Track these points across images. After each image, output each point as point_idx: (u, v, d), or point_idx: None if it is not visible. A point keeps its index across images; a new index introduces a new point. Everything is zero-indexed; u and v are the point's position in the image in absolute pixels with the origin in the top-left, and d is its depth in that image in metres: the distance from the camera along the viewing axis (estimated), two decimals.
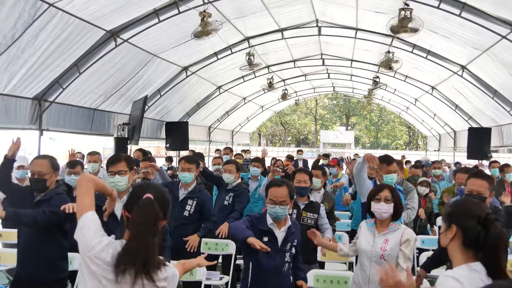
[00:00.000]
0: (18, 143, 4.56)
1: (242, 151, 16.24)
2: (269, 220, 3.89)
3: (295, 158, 15.22)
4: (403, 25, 7.77)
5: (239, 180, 6.59)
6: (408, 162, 13.18)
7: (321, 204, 5.62)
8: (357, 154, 18.09)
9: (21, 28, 6.45)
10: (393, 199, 3.99)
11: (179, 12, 8.55)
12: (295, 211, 5.28)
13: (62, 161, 9.61)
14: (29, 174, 4.29)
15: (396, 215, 4.03)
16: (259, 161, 8.04)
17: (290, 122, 76.90)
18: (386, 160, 5.31)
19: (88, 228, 2.37)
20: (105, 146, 21.50)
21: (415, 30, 7.64)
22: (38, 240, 4.05)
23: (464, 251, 2.21)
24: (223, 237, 5.61)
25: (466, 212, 2.25)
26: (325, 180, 6.84)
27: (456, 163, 14.55)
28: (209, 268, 6.09)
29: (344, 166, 13.19)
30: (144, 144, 19.43)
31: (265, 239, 3.84)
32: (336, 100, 72.81)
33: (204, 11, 8.27)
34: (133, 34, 8.67)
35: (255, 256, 3.86)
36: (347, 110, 76.44)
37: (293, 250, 3.92)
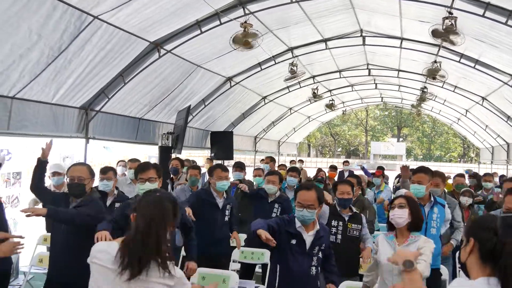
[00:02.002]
0: (49, 146, 4.75)
1: (291, 162, 16.29)
2: (298, 223, 3.92)
3: (340, 169, 15.10)
4: (446, 34, 7.61)
5: (278, 192, 6.65)
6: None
7: (362, 215, 5.61)
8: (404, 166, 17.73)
9: (67, 40, 6.71)
10: (408, 206, 3.97)
11: (221, 23, 8.66)
12: (340, 223, 5.30)
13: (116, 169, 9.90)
14: (67, 180, 4.44)
15: (415, 226, 3.99)
16: (296, 170, 8.06)
17: (340, 133, 76.28)
18: (414, 170, 5.41)
19: None
20: (150, 155, 21.91)
21: (455, 42, 7.45)
22: (73, 243, 4.19)
23: (482, 266, 2.14)
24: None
25: (482, 224, 2.19)
26: (359, 190, 6.76)
27: (501, 176, 14.04)
28: (245, 276, 6.17)
29: (391, 181, 13.00)
30: (194, 154, 19.79)
31: (293, 241, 3.91)
32: (388, 111, 71.63)
33: (245, 22, 8.36)
34: (176, 45, 8.84)
35: (283, 259, 3.91)
36: (398, 121, 75.07)
37: (320, 254, 3.95)
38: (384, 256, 3.97)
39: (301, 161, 16.07)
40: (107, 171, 5.97)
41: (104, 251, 2.52)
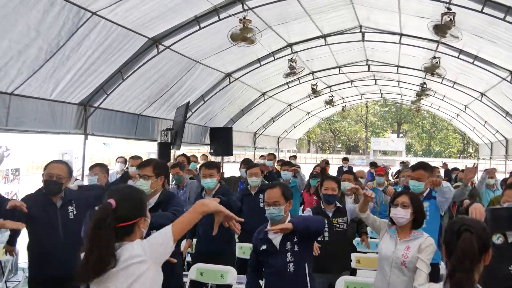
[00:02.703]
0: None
1: (291, 157, 16.27)
2: (268, 226, 3.96)
3: (340, 166, 15.11)
4: (445, 29, 7.60)
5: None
6: (455, 169, 12.75)
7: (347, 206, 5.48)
8: (403, 162, 17.69)
9: (65, 36, 6.70)
10: (412, 205, 3.97)
11: (220, 19, 8.63)
12: (325, 220, 5.18)
13: (115, 165, 9.91)
14: (44, 175, 4.43)
15: (418, 223, 4.01)
16: (290, 164, 8.10)
17: (340, 129, 76.24)
18: (412, 166, 5.37)
19: None
20: (150, 151, 21.89)
21: (456, 37, 7.43)
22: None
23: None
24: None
25: (448, 228, 2.28)
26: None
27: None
28: (244, 272, 6.17)
29: (391, 178, 13.00)
30: (193, 150, 19.80)
31: (264, 247, 3.95)
32: (387, 107, 71.62)
33: (244, 17, 8.35)
34: (175, 41, 8.82)
35: (263, 263, 4.02)
36: (398, 117, 75.04)
37: (296, 248, 3.84)
38: (385, 248, 4.07)
39: (294, 157, 16.00)
40: (93, 167, 6.21)
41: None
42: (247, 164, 8.34)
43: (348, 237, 5.44)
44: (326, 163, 11.67)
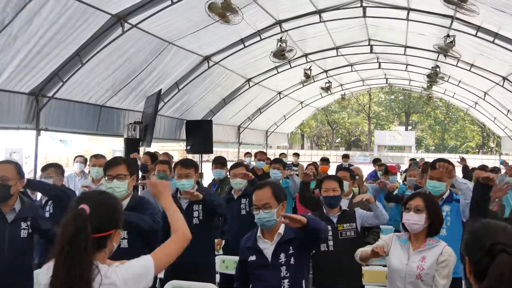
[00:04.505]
0: None
1: (281, 155, 16.29)
2: (258, 233, 3.90)
3: (339, 164, 15.12)
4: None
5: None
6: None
7: (355, 209, 5.46)
8: (413, 159, 17.77)
9: (11, 12, 6.60)
10: (426, 209, 3.95)
11: None
12: (329, 227, 5.12)
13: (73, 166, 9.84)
14: None
15: (434, 230, 3.99)
16: (281, 162, 8.09)
17: (339, 121, 76.53)
18: (431, 163, 5.26)
19: None
20: (115, 149, 21.80)
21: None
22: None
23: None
24: None
25: (474, 243, 2.19)
26: (353, 185, 6.71)
27: None
28: None
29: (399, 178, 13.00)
30: (166, 147, 19.79)
31: (253, 258, 3.87)
32: (394, 94, 71.98)
33: None
34: (143, 18, 8.74)
35: (251, 277, 3.95)
36: (406, 107, 75.43)
37: (292, 260, 3.79)
38: (396, 260, 4.02)
39: (284, 155, 16.02)
40: (47, 168, 6.13)
41: None
42: (218, 163, 8.20)
43: (358, 247, 5.37)
44: (325, 161, 11.64)
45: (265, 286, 3.81)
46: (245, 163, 11.23)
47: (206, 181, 10.56)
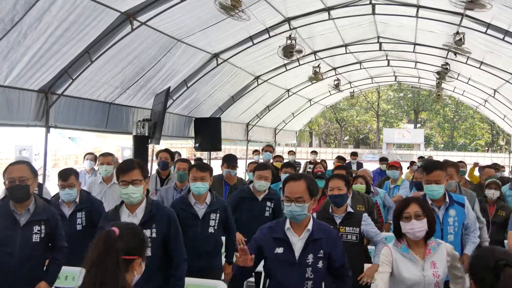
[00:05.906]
0: None
1: (289, 152, 16.30)
2: (287, 225, 3.83)
3: (348, 162, 15.12)
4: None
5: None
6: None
7: (364, 213, 5.47)
8: (422, 157, 17.71)
9: (21, 10, 6.62)
10: (425, 214, 3.90)
11: None
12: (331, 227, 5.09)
13: (83, 163, 9.88)
14: (6, 182, 4.37)
15: (431, 232, 3.96)
16: (291, 166, 8.06)
17: (347, 119, 76.41)
18: (425, 167, 5.22)
19: None
20: (124, 146, 21.83)
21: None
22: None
23: None
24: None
25: (480, 263, 2.30)
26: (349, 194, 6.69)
27: None
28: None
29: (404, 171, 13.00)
30: (175, 145, 19.84)
31: (279, 250, 3.77)
32: (403, 92, 71.77)
33: None
34: (152, 15, 8.74)
35: (271, 271, 3.84)
36: (415, 104, 75.18)
37: (320, 264, 3.74)
38: (409, 272, 3.89)
39: (292, 152, 16.02)
40: (67, 176, 5.67)
41: None
42: (228, 161, 8.07)
43: (361, 253, 5.33)
44: (341, 159, 11.72)
45: (290, 283, 3.74)
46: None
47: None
